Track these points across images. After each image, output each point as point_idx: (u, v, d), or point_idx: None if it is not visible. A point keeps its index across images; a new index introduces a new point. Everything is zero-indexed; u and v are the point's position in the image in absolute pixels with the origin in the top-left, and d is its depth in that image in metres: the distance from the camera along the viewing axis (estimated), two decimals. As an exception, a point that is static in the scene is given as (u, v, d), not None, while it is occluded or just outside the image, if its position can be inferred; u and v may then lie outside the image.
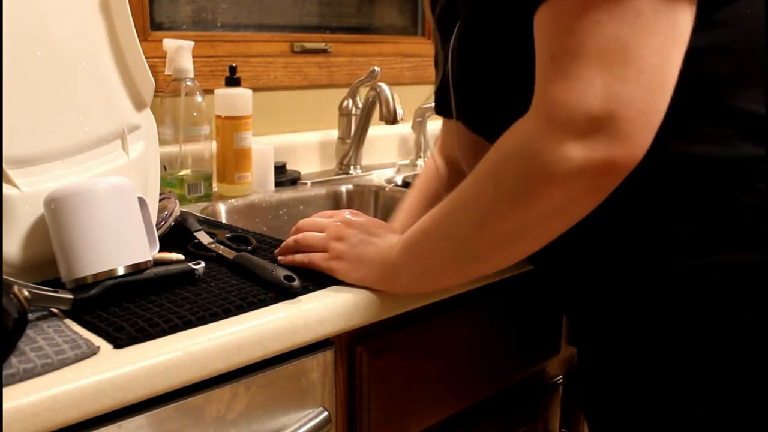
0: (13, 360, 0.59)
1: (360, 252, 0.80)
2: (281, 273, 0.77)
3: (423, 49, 1.82)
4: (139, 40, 0.86)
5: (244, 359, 0.70)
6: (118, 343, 0.64)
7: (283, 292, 0.76)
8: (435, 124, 1.76)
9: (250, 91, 1.26)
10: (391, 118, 1.26)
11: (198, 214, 1.10)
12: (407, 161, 1.65)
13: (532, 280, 1.03)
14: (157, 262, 0.80)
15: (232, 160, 1.24)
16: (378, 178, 1.47)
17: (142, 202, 0.80)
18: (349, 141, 1.48)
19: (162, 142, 1.08)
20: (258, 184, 1.30)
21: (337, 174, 1.48)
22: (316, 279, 0.80)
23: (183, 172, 1.20)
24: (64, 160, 0.79)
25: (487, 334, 0.98)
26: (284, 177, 1.37)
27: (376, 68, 1.43)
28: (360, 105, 1.47)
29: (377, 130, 1.50)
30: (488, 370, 0.99)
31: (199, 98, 1.20)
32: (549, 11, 0.62)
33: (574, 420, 1.19)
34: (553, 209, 0.64)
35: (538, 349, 1.07)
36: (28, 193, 0.75)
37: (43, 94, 0.76)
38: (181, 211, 0.98)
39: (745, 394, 0.74)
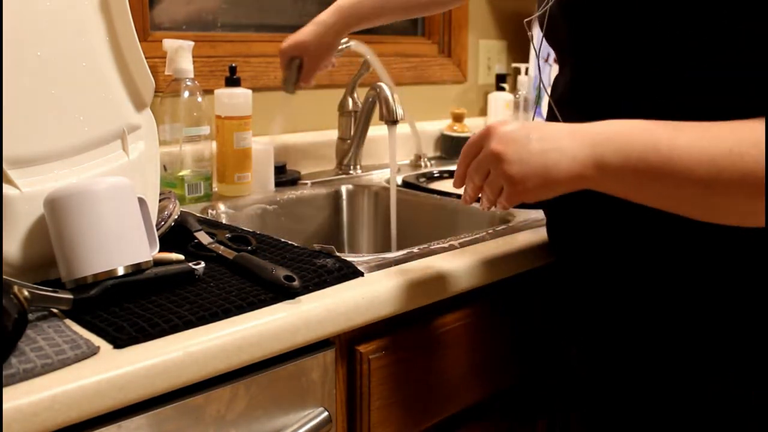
0: (13, 360, 0.59)
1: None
2: (281, 273, 0.77)
3: (423, 49, 1.82)
4: (139, 40, 0.86)
5: (244, 359, 0.70)
6: (118, 343, 0.64)
7: (283, 292, 0.76)
8: (434, 125, 1.76)
9: (250, 91, 1.26)
10: (391, 118, 1.25)
11: (198, 214, 1.10)
12: (407, 161, 1.65)
13: (532, 281, 1.03)
14: (157, 262, 0.80)
15: (232, 160, 1.24)
16: (378, 178, 1.47)
17: (142, 202, 0.80)
18: (349, 141, 1.48)
19: (162, 142, 1.08)
20: (258, 184, 1.30)
21: (337, 174, 1.48)
22: (315, 279, 0.80)
23: (183, 172, 1.20)
24: (64, 160, 0.79)
25: (487, 334, 0.98)
26: (284, 177, 1.37)
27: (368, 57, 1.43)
28: (359, 102, 1.47)
29: (377, 130, 1.50)
30: (488, 370, 0.99)
31: (199, 98, 1.20)
32: None
33: (573, 422, 1.19)
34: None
35: (538, 350, 1.07)
36: (28, 193, 0.75)
37: (43, 94, 0.76)
38: (181, 211, 0.98)
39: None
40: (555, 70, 2.01)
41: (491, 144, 0.70)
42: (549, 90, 0.88)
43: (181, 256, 0.86)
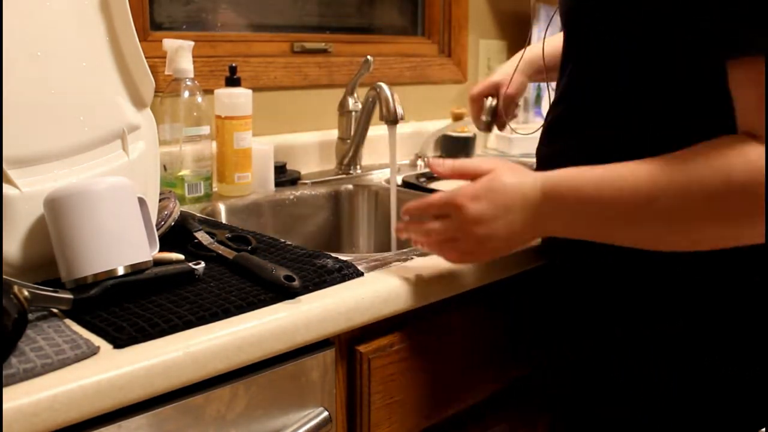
0: (13, 360, 0.59)
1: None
2: (281, 273, 0.77)
3: (423, 49, 1.82)
4: (139, 40, 0.86)
5: (244, 359, 0.70)
6: (118, 343, 0.65)
7: (283, 292, 0.76)
8: (434, 125, 1.76)
9: (250, 91, 1.26)
10: (391, 118, 1.25)
11: (198, 214, 1.10)
12: (407, 161, 1.65)
13: (531, 280, 1.03)
14: (157, 262, 0.80)
15: (232, 160, 1.24)
16: (378, 178, 1.47)
17: (142, 202, 0.80)
18: (349, 141, 1.48)
19: (162, 142, 1.08)
20: (258, 184, 1.30)
21: (337, 174, 1.48)
22: (315, 279, 0.80)
23: (183, 172, 1.20)
24: (64, 160, 0.79)
25: (486, 333, 0.98)
26: (284, 177, 1.37)
27: (369, 57, 1.43)
28: (359, 102, 1.47)
29: (377, 130, 1.50)
30: (488, 370, 0.99)
31: (199, 98, 1.20)
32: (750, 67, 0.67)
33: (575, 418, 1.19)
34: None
35: (539, 349, 1.07)
36: (28, 193, 0.75)
37: (43, 94, 0.76)
38: (181, 211, 0.98)
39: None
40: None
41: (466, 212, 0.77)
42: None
43: (181, 256, 0.86)
